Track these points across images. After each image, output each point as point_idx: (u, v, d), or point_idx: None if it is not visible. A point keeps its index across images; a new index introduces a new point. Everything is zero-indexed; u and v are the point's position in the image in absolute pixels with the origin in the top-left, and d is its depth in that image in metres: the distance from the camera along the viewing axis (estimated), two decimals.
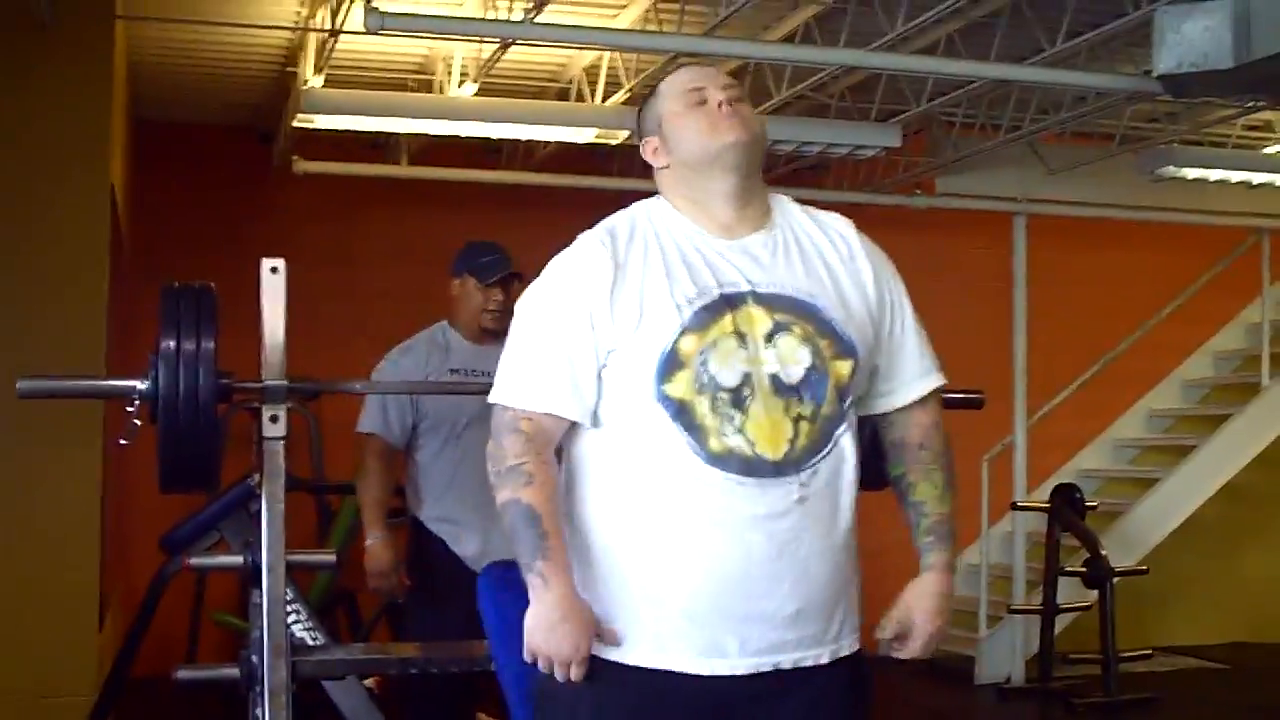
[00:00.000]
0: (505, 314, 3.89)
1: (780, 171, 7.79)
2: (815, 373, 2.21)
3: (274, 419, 2.91)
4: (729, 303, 2.20)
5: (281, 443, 2.91)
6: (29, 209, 4.83)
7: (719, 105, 2.31)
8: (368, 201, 7.95)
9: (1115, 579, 7.11)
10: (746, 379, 2.17)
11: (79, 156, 4.95)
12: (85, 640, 4.84)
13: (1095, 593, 7.17)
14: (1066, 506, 7.37)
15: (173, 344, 2.70)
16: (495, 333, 3.92)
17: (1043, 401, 8.27)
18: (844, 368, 2.24)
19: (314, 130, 6.64)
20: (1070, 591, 7.44)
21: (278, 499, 2.88)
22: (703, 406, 2.16)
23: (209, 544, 4.14)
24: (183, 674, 3.00)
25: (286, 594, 2.93)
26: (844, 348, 2.25)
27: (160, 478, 2.79)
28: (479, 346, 4.12)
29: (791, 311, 2.23)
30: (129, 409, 2.73)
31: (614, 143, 6.87)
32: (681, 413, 2.16)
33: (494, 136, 7.09)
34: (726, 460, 2.15)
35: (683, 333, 2.17)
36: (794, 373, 2.20)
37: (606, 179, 7.56)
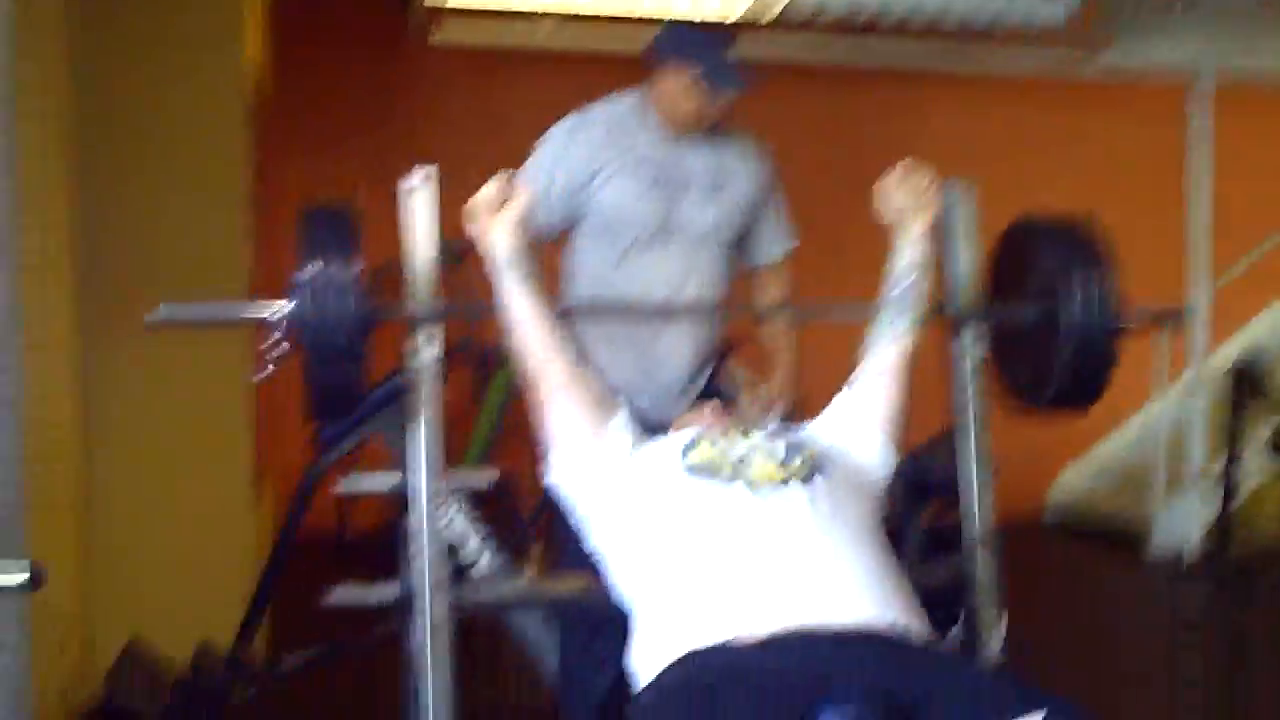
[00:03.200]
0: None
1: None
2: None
3: (428, 340, 2.73)
4: None
5: (435, 367, 2.74)
6: (161, 108, 4.65)
7: None
8: (512, 70, 7.71)
9: None
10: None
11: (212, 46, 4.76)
12: (241, 515, 4.82)
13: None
14: (1249, 377, 7.03)
15: (316, 270, 2.53)
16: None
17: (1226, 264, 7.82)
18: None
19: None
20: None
21: (434, 426, 2.71)
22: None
23: (359, 441, 4.01)
24: (335, 598, 2.88)
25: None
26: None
27: (306, 406, 2.65)
28: (674, 142, 3.58)
29: None
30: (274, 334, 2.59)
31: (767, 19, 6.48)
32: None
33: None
34: None
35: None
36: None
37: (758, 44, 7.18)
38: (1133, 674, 5.78)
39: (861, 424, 2.72)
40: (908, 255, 2.82)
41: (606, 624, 2.54)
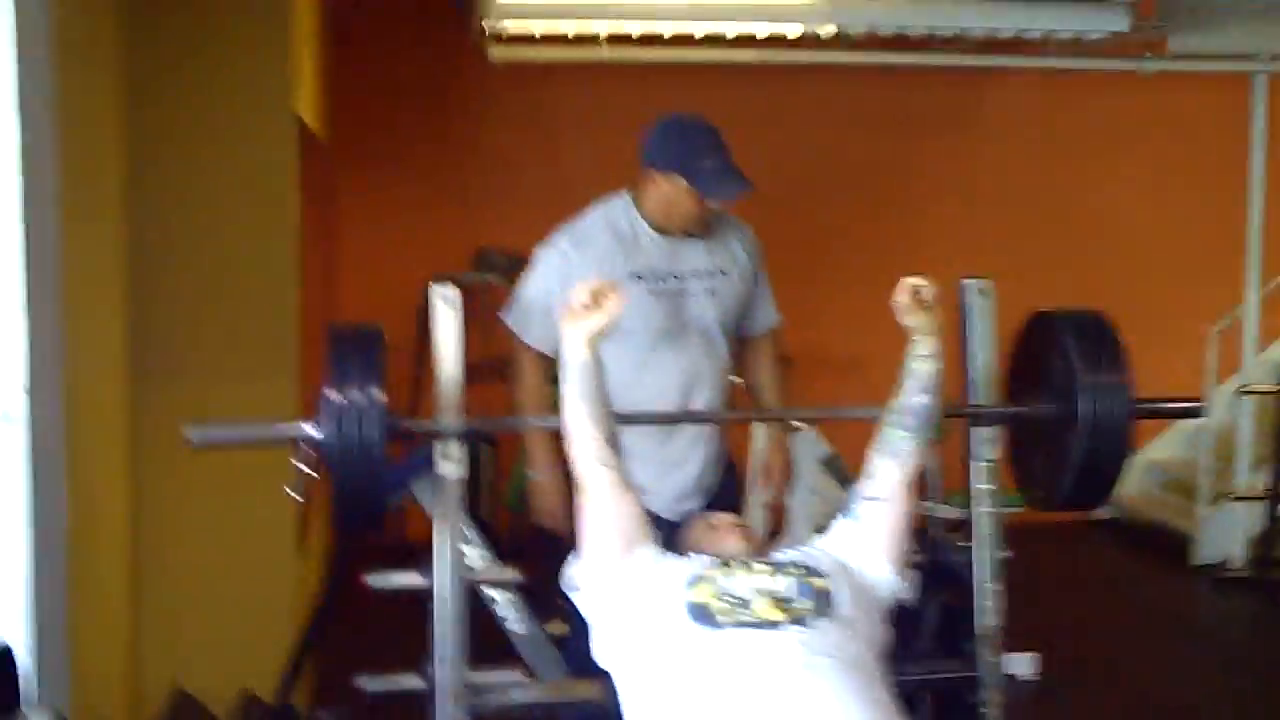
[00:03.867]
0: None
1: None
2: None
3: (447, 456, 2.81)
4: None
5: (458, 481, 2.82)
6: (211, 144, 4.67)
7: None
8: (567, 83, 7.78)
9: None
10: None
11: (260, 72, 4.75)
12: (287, 565, 4.90)
13: None
14: None
15: (342, 397, 2.61)
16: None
17: (1275, 271, 7.74)
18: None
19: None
20: None
21: (456, 539, 2.79)
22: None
23: (397, 500, 4.07)
24: (366, 685, 2.97)
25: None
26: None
27: (334, 522, 2.74)
28: (670, 241, 3.64)
29: None
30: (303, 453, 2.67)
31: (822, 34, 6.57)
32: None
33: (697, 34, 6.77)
34: None
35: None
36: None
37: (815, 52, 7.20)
38: (1168, 680, 5.82)
39: (868, 553, 2.78)
40: (919, 371, 2.85)
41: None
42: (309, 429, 2.66)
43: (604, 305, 2.75)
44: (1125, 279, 8.25)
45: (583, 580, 2.75)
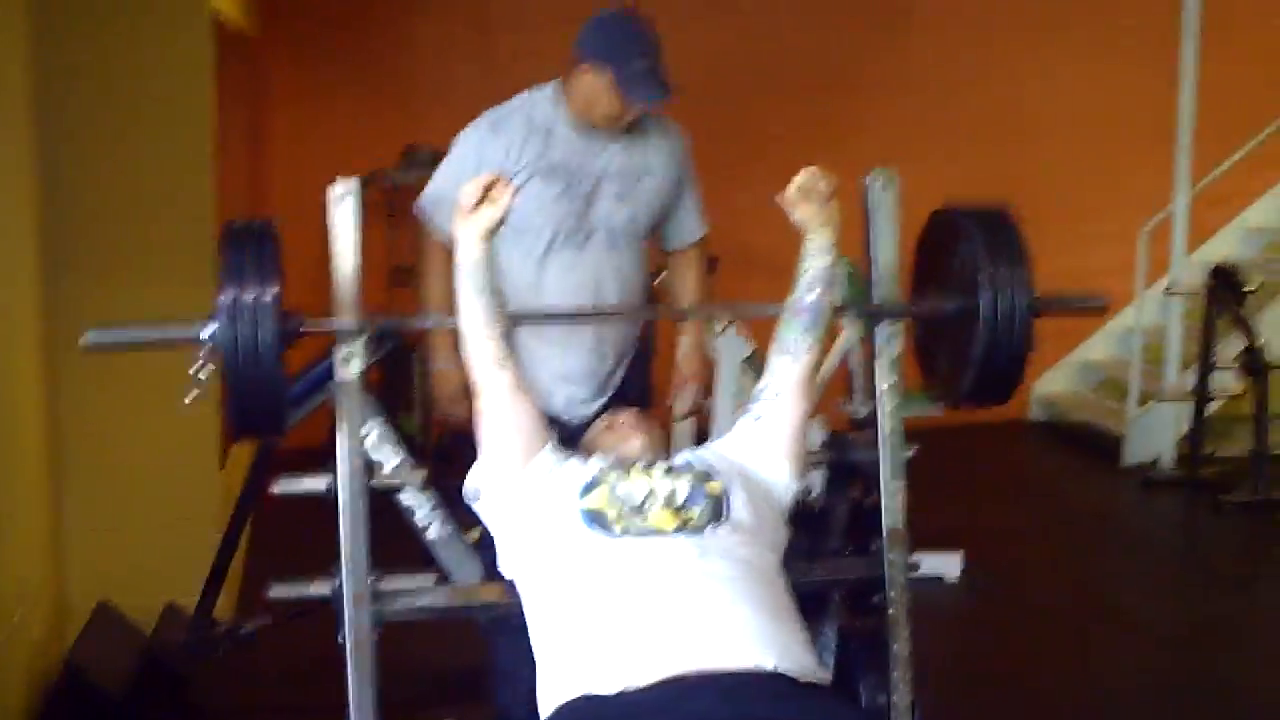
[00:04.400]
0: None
1: None
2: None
3: (346, 360, 2.79)
4: None
5: (358, 382, 2.80)
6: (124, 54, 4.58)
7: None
8: None
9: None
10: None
11: None
12: (209, 480, 4.88)
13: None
14: (1224, 290, 6.96)
15: (233, 295, 2.57)
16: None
17: (1210, 162, 7.74)
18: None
19: None
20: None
21: (356, 451, 2.77)
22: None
23: (320, 403, 4.05)
24: (274, 592, 2.95)
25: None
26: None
27: (231, 424, 2.72)
28: (586, 139, 3.55)
29: None
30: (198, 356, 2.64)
31: None
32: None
33: None
34: None
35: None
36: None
37: None
38: (1096, 579, 5.89)
39: (766, 452, 2.77)
40: (812, 267, 2.82)
41: None
42: (203, 330, 2.62)
43: (495, 200, 2.72)
44: (1058, 175, 8.24)
45: (483, 488, 2.74)
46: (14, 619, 3.88)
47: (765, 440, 2.78)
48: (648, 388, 3.93)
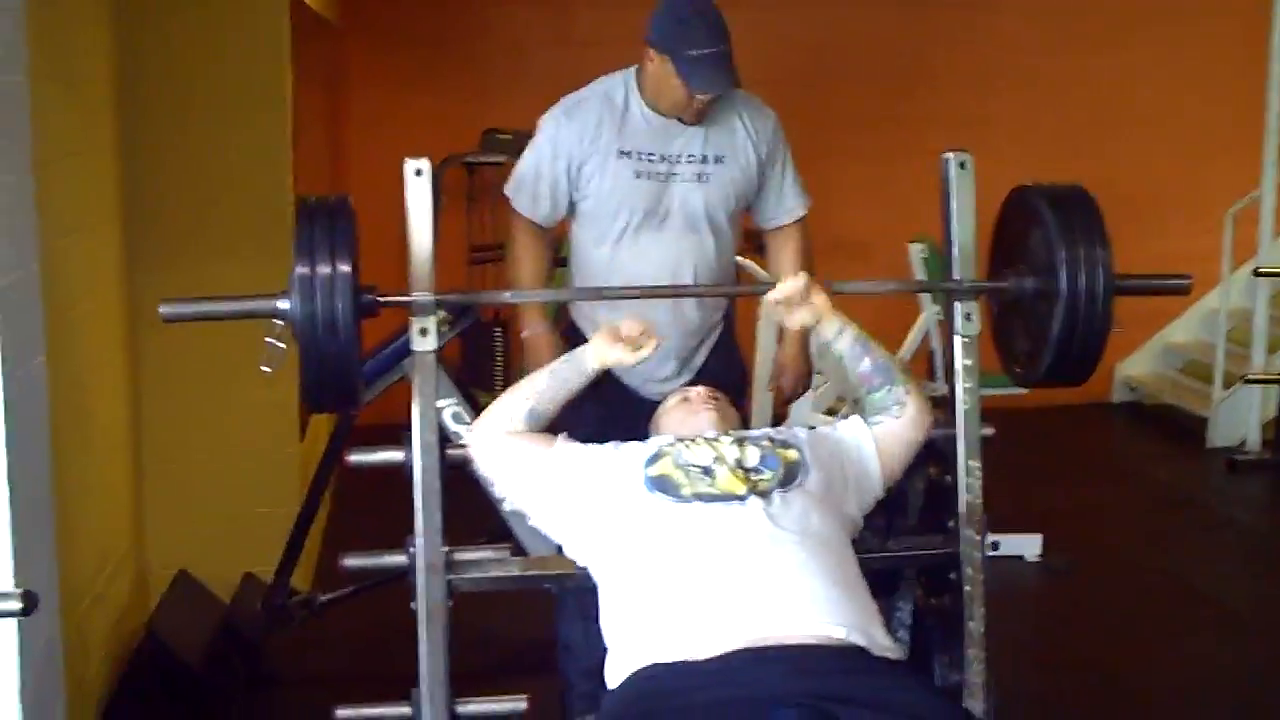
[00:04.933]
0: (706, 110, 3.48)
1: None
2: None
3: (423, 332, 2.80)
4: None
5: (433, 356, 2.81)
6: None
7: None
8: None
9: None
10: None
11: None
12: (288, 453, 4.92)
13: None
14: None
15: (308, 268, 2.59)
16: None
17: None
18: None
19: None
20: None
21: (430, 423, 2.79)
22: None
23: (399, 378, 4.07)
24: (347, 561, 2.98)
25: None
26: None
27: (304, 397, 2.74)
28: (665, 121, 3.52)
29: None
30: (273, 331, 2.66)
31: None
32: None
33: None
34: None
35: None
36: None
37: None
38: (1179, 562, 5.82)
39: (866, 451, 2.79)
40: (843, 352, 2.85)
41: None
42: (279, 303, 2.64)
43: (641, 349, 2.80)
44: (1143, 159, 8.16)
45: (525, 510, 2.78)
46: (96, 588, 3.93)
47: (871, 441, 2.79)
48: (734, 371, 3.85)
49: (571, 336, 3.64)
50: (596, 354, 2.80)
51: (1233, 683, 4.55)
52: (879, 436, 2.79)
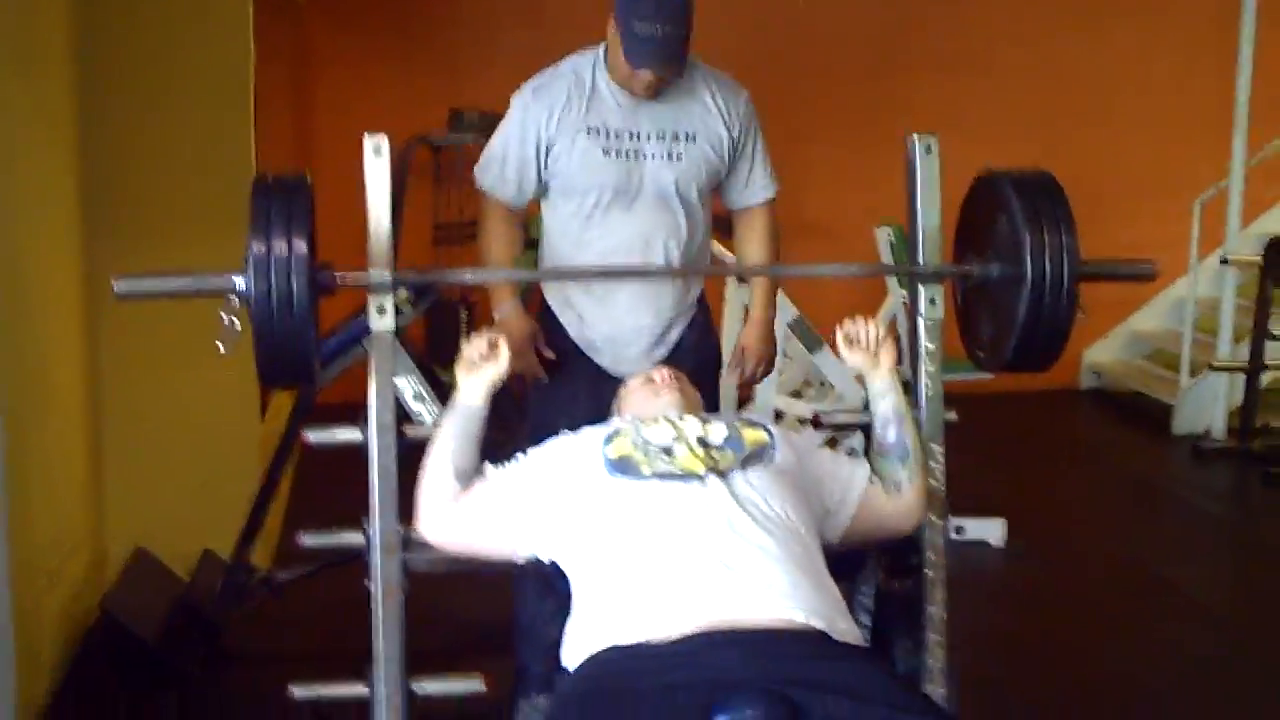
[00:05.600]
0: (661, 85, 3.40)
1: None
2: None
3: (381, 310, 2.78)
4: None
5: (390, 335, 2.79)
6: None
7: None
8: None
9: None
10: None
11: None
12: (248, 430, 4.88)
13: None
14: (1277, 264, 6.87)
15: (264, 246, 2.56)
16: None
17: (1265, 138, 7.64)
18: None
19: None
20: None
21: (386, 403, 2.76)
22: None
23: (354, 361, 4.05)
24: (305, 541, 2.96)
25: None
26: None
27: (259, 373, 2.71)
28: (632, 101, 3.44)
29: None
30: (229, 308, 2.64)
31: None
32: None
33: None
34: None
35: None
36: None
37: None
38: (1144, 547, 5.83)
39: (836, 491, 2.74)
40: (879, 409, 2.83)
41: (559, 579, 2.61)
42: (234, 280, 2.61)
43: (499, 355, 2.78)
44: (1112, 147, 8.19)
45: (520, 546, 2.70)
46: (52, 565, 3.90)
47: (858, 493, 2.74)
48: (709, 352, 3.77)
49: (545, 318, 3.63)
50: (468, 390, 2.77)
51: (1197, 670, 4.55)
52: (868, 496, 2.74)
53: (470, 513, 2.68)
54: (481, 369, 2.77)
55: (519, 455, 2.74)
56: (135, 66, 4.49)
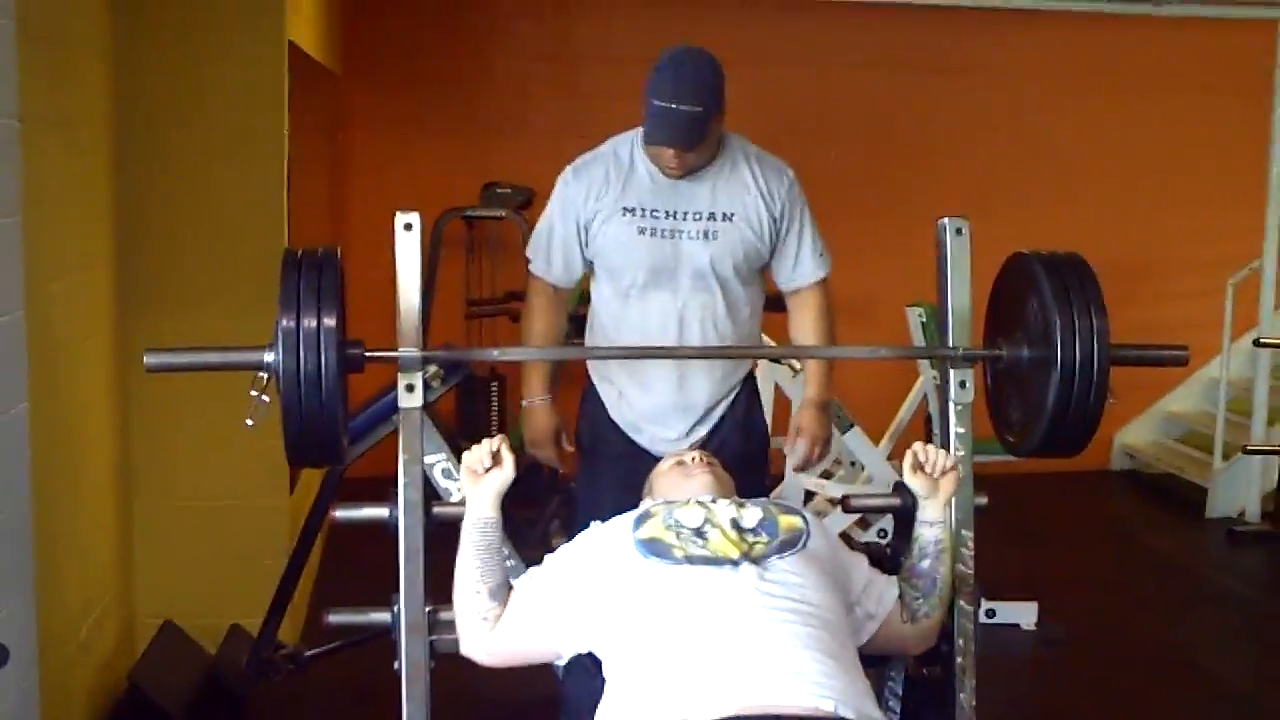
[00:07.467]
0: (687, 164, 3.39)
1: None
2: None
3: (410, 388, 2.78)
4: None
5: (419, 413, 2.78)
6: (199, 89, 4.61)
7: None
8: (583, 13, 7.78)
9: None
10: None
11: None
12: (277, 504, 4.88)
13: None
14: None
15: (292, 322, 2.56)
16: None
17: None
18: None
19: None
20: None
21: (415, 480, 2.76)
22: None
23: (387, 433, 4.04)
24: (332, 618, 2.96)
25: None
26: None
27: (287, 451, 2.70)
28: (670, 180, 3.44)
29: None
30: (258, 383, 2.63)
31: None
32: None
33: None
34: None
35: None
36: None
37: None
38: (1178, 632, 5.76)
39: (864, 598, 2.75)
40: (922, 536, 2.81)
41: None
42: (265, 355, 2.61)
43: (502, 462, 2.74)
44: (1145, 227, 8.17)
45: (565, 646, 2.69)
46: (80, 636, 3.89)
47: (885, 611, 2.75)
48: (750, 429, 3.73)
49: (589, 395, 3.67)
50: (476, 502, 2.74)
51: None
52: (890, 617, 2.75)
53: (508, 632, 2.68)
54: (485, 479, 2.73)
55: (548, 556, 2.74)
56: (171, 136, 4.52)
